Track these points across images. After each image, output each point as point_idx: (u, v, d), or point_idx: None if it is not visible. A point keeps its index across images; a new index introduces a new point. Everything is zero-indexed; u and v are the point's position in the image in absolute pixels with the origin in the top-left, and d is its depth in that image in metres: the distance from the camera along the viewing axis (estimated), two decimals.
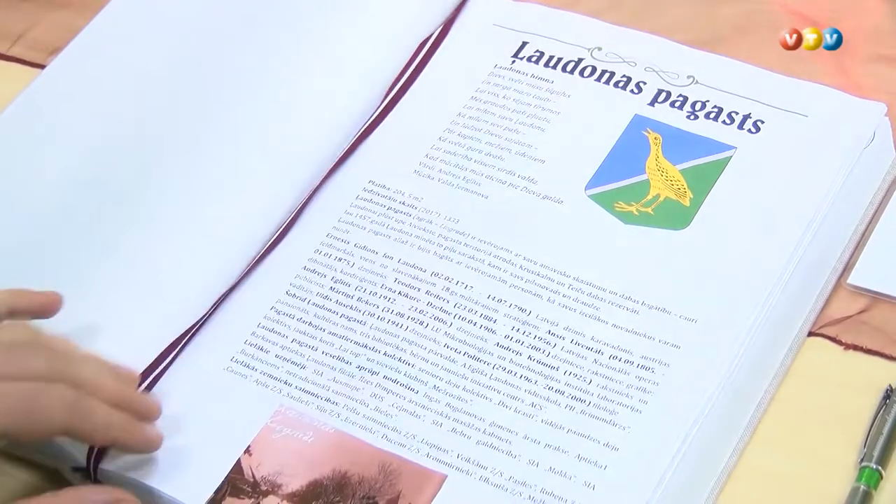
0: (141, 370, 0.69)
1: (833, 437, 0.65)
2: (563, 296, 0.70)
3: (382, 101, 0.78)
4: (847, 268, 0.70)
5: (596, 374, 0.67)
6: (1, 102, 0.81)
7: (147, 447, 0.66)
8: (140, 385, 0.69)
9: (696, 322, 0.68)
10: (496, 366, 0.68)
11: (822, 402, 0.67)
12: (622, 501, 0.63)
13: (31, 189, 0.77)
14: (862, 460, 0.64)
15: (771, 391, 0.67)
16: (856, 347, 0.68)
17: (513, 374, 0.68)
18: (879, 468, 0.64)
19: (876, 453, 0.64)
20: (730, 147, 0.74)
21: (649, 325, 0.68)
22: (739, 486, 0.65)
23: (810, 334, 0.69)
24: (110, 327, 0.70)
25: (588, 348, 0.68)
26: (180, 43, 0.82)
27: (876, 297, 0.70)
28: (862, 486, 0.63)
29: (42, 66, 0.83)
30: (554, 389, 0.67)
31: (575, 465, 0.64)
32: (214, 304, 0.71)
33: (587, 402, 0.66)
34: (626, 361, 0.67)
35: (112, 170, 0.77)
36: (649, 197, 0.73)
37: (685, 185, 0.73)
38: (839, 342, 0.69)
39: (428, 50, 0.80)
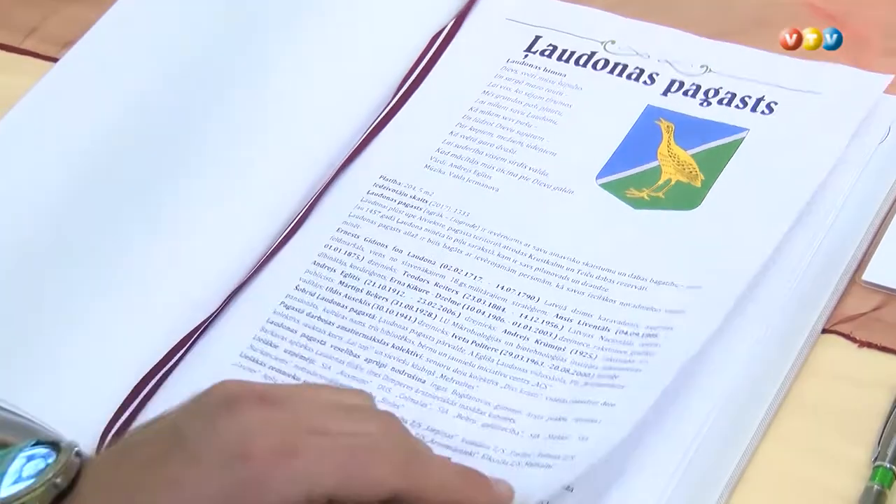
0: (152, 365, 0.68)
1: (847, 435, 0.65)
2: (573, 280, 0.69)
3: (394, 96, 0.78)
4: (862, 264, 0.70)
5: (602, 349, 0.67)
6: (14, 95, 0.80)
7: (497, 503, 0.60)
8: (151, 380, 0.68)
9: (701, 288, 0.67)
10: (503, 351, 0.68)
11: (835, 399, 0.66)
12: (611, 448, 0.63)
13: (42, 183, 0.76)
14: (876, 459, 0.63)
15: (784, 388, 0.66)
16: (870, 345, 0.67)
17: (520, 358, 0.67)
18: (893, 467, 0.63)
19: (890, 452, 0.63)
20: (742, 129, 0.74)
21: (656, 299, 0.68)
22: (752, 484, 0.64)
23: (824, 331, 0.68)
24: (120, 323, 0.70)
25: (595, 327, 0.68)
26: (193, 37, 0.81)
27: (891, 294, 0.69)
28: (876, 486, 0.62)
29: (55, 60, 0.83)
30: (560, 368, 0.67)
31: (572, 426, 0.64)
32: (225, 299, 0.71)
33: (591, 376, 0.66)
34: (633, 334, 0.67)
35: (124, 163, 0.77)
36: (660, 182, 0.73)
37: (696, 168, 0.73)
38: (853, 339, 0.68)
39: (440, 44, 0.79)
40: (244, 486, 0.53)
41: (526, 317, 0.69)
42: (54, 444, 0.58)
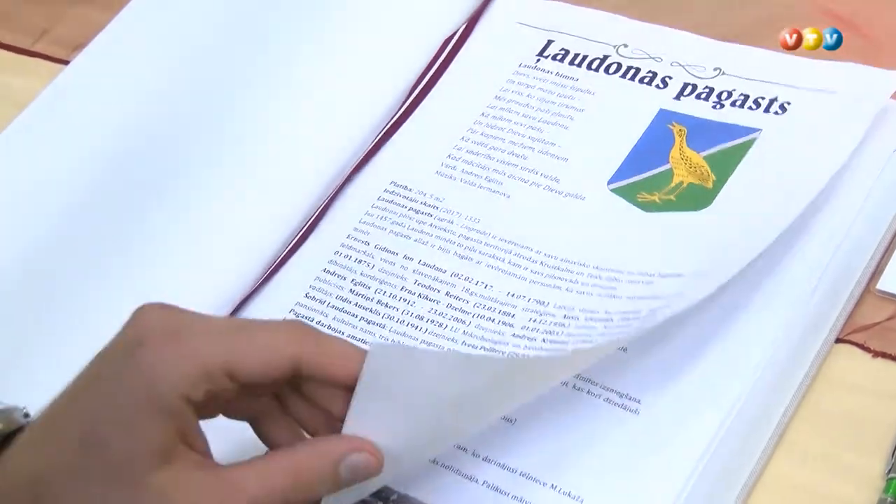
0: None
1: (860, 446, 0.64)
2: (581, 283, 0.69)
3: (405, 101, 0.77)
4: (876, 273, 0.69)
5: (603, 335, 0.66)
6: (25, 98, 0.81)
7: None
8: None
9: (706, 275, 0.67)
10: (511, 354, 0.67)
11: (849, 410, 0.65)
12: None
13: (52, 185, 0.76)
14: (889, 471, 0.63)
15: (797, 398, 0.66)
16: (884, 355, 0.67)
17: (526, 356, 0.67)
18: None
19: None
20: (755, 129, 0.73)
21: (662, 289, 0.67)
22: (764, 494, 0.64)
23: (838, 340, 0.67)
24: None
25: (600, 320, 0.67)
26: (203, 41, 0.81)
27: None
28: (889, 499, 0.62)
29: (66, 62, 0.83)
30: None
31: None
32: (235, 307, 0.71)
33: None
34: (636, 318, 0.66)
35: (133, 167, 0.76)
36: (672, 185, 0.72)
37: (708, 170, 0.72)
38: (867, 349, 0.67)
39: (452, 48, 0.79)
40: (143, 372, 0.55)
41: (534, 320, 0.68)
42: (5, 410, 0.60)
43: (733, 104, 0.74)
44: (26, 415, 0.60)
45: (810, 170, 0.69)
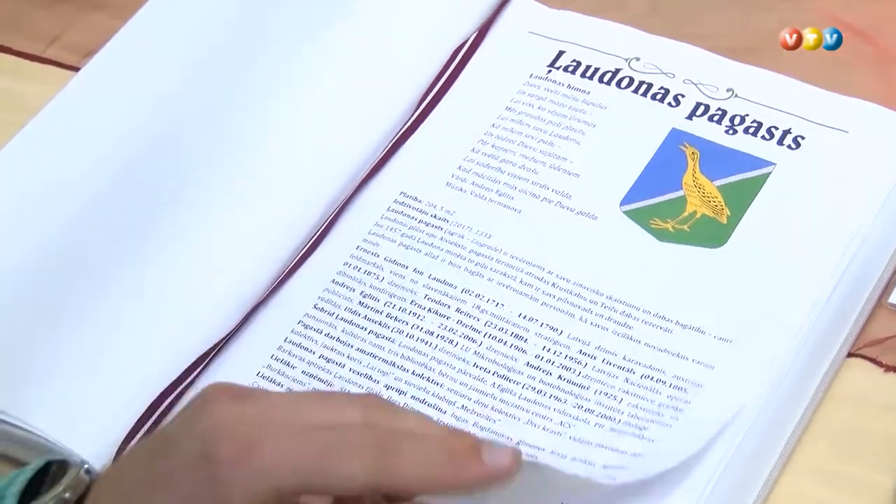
0: (167, 385, 0.68)
1: (872, 462, 0.64)
2: (596, 314, 0.69)
3: (415, 111, 0.77)
4: (888, 287, 0.69)
5: (627, 392, 0.66)
6: (35, 104, 0.80)
7: (495, 478, 0.55)
8: (166, 400, 0.68)
9: (731, 342, 0.67)
10: (526, 385, 0.67)
11: (861, 425, 0.65)
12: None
13: (62, 193, 0.76)
14: None
15: (809, 414, 0.66)
16: None
17: (542, 393, 0.67)
18: None
19: None
20: (769, 163, 0.73)
21: (683, 344, 0.67)
22: None
23: (850, 355, 0.67)
24: (135, 341, 0.70)
25: (620, 367, 0.67)
26: (215, 48, 0.81)
27: None
28: None
29: (77, 69, 0.83)
30: (584, 409, 0.66)
31: (599, 473, 0.63)
32: (243, 317, 0.71)
33: (617, 420, 0.65)
34: (659, 381, 0.66)
35: (143, 176, 0.76)
36: (685, 214, 0.72)
37: (722, 202, 0.72)
38: (879, 363, 0.67)
39: (462, 58, 0.79)
40: (211, 485, 0.53)
41: (548, 350, 0.68)
42: (64, 463, 0.59)
43: (746, 131, 0.74)
44: (88, 471, 0.59)
45: (827, 221, 0.69)
